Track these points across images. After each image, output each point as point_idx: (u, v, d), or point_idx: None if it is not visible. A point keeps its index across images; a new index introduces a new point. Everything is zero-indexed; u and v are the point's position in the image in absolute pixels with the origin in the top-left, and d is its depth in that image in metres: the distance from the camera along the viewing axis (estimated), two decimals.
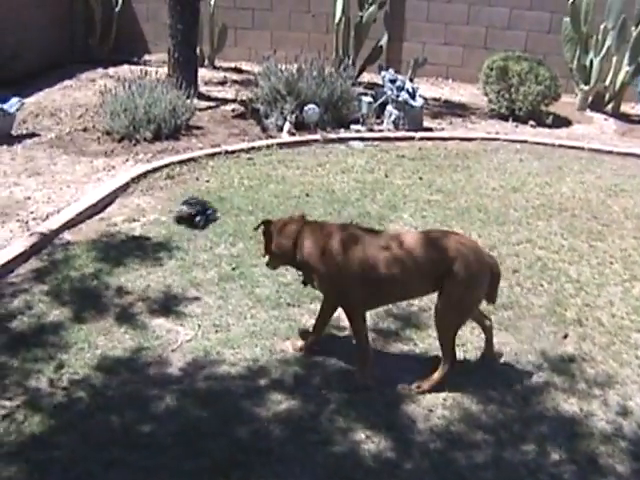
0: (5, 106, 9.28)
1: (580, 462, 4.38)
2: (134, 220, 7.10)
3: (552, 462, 4.37)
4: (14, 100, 9.47)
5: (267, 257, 5.24)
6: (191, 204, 7.15)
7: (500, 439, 4.52)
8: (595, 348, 5.50)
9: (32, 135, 9.46)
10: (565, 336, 5.63)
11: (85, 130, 9.67)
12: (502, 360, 5.28)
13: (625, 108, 12.47)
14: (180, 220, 7.07)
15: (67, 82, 12.13)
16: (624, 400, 4.95)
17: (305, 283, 5.17)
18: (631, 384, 5.11)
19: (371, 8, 12.40)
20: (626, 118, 12.20)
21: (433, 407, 4.74)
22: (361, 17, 12.51)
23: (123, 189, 7.76)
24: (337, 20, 12.51)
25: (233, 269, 6.26)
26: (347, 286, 4.83)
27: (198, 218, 7.02)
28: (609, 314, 5.98)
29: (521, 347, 5.44)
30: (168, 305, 5.74)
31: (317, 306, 5.69)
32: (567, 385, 5.07)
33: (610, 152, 10.24)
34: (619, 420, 4.76)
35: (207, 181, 8.14)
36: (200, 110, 10.52)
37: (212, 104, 11.15)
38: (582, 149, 10.24)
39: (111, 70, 12.96)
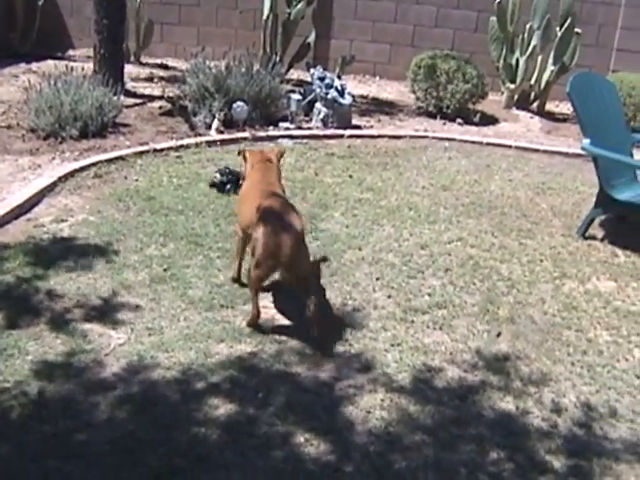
0: None
1: (518, 460, 4.39)
2: (62, 220, 6.94)
3: (491, 461, 4.38)
4: None
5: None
6: (224, 173, 7.87)
7: (439, 439, 4.51)
8: (528, 346, 5.54)
9: None
10: (498, 334, 5.66)
11: (9, 127, 9.43)
12: (439, 359, 5.28)
13: (550, 107, 12.67)
14: (212, 185, 7.88)
15: None
16: (558, 397, 4.99)
17: None
18: (564, 381, 5.15)
19: (299, 5, 12.33)
20: (551, 116, 12.39)
21: (371, 409, 4.71)
22: (289, 14, 12.43)
23: (50, 188, 7.58)
24: (265, 17, 12.42)
25: (165, 270, 6.16)
26: None
27: (228, 186, 7.78)
28: (541, 312, 6.03)
29: (456, 346, 5.45)
30: (99, 308, 5.61)
31: (250, 307, 5.66)
32: (502, 383, 5.09)
33: (537, 150, 10.37)
34: (554, 417, 4.79)
35: (136, 180, 8.01)
36: (127, 107, 10.35)
37: (139, 101, 10.98)
38: (509, 147, 10.36)
39: (34, 65, 12.67)
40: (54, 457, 4.16)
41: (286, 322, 5.61)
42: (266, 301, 5.81)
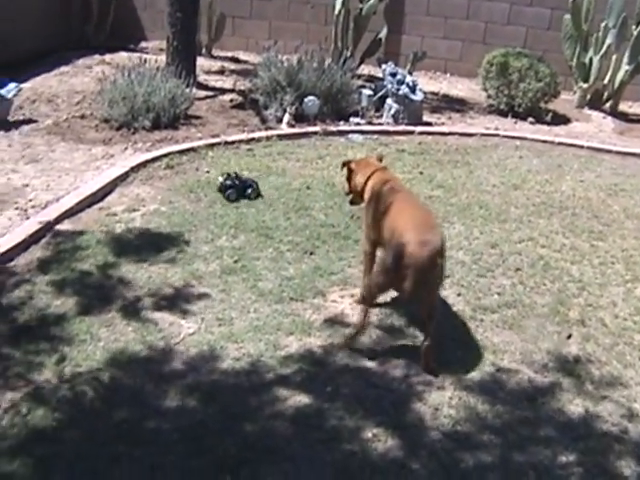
0: (2, 91, 9.20)
1: (587, 465, 4.36)
2: (134, 210, 7.04)
3: (559, 464, 4.35)
4: (12, 85, 9.39)
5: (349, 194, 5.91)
6: (227, 178, 7.50)
7: (507, 440, 4.49)
8: (599, 349, 5.48)
9: (29, 121, 9.37)
10: (569, 336, 5.61)
11: (83, 117, 9.59)
12: (508, 359, 5.25)
13: (623, 107, 12.45)
14: (219, 190, 7.51)
15: (63, 68, 11.95)
16: (629, 402, 4.93)
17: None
18: (635, 386, 5.09)
19: (371, 0, 12.30)
20: (624, 117, 12.18)
21: (439, 406, 4.71)
22: (361, 9, 12.40)
23: (122, 178, 7.69)
24: (337, 12, 12.40)
25: (235, 262, 6.20)
26: None
27: (230, 191, 7.39)
28: (612, 315, 5.96)
29: (526, 346, 5.42)
30: (170, 298, 5.69)
31: (320, 301, 5.69)
32: (572, 386, 5.05)
33: (609, 151, 10.21)
34: (624, 422, 4.74)
35: (207, 172, 8.08)
36: (198, 99, 10.44)
37: (210, 94, 11.06)
38: (581, 147, 10.21)
39: (107, 57, 12.81)
40: (124, 443, 4.24)
41: (356, 319, 5.59)
42: (335, 295, 5.83)
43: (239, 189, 7.41)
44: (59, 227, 6.60)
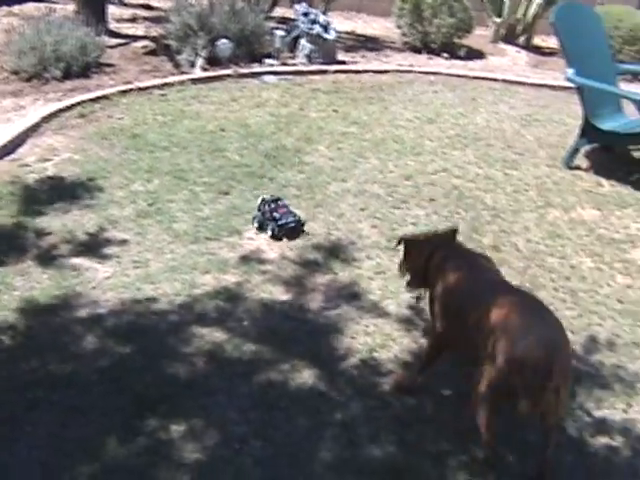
0: None
1: None
2: (46, 160, 6.92)
3: None
4: None
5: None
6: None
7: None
8: (513, 272, 5.58)
9: None
10: None
11: None
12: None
13: (537, 41, 12.62)
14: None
15: None
16: None
17: None
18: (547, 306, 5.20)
19: None
20: (538, 50, 12.36)
21: (355, 335, 4.77)
22: None
23: (34, 129, 7.54)
24: None
25: (150, 205, 6.17)
26: None
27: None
28: (525, 239, 6.08)
29: None
30: (86, 244, 5.63)
31: (236, 239, 5.70)
32: None
33: (523, 83, 10.36)
34: None
35: (120, 118, 7.98)
36: (110, 47, 10.28)
37: (122, 41, 10.90)
38: (495, 80, 10.34)
39: (16, 8, 12.55)
40: (42, 387, 4.20)
41: (272, 255, 5.64)
42: (250, 233, 5.86)
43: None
44: None
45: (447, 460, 3.88)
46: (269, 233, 5.79)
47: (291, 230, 5.83)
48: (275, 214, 5.84)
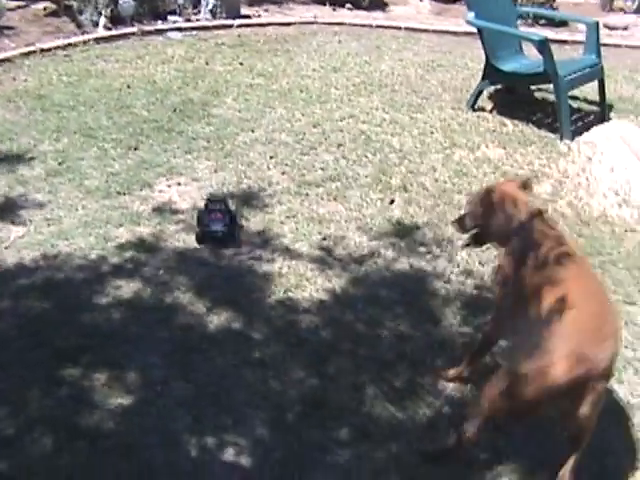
0: None
1: (414, 314, 4.59)
2: None
3: (389, 317, 4.57)
4: None
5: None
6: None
7: (338, 300, 4.70)
8: (421, 211, 5.73)
9: None
10: (392, 202, 5.83)
11: None
12: (334, 227, 5.45)
13: None
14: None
15: None
16: (450, 255, 5.20)
17: None
18: (456, 240, 5.33)
19: None
20: None
21: (270, 276, 4.87)
22: None
23: None
24: None
25: (60, 164, 6.16)
26: None
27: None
28: (432, 179, 6.22)
29: (350, 214, 5.62)
30: None
31: (147, 192, 5.74)
32: (397, 246, 5.28)
33: (426, 30, 10.50)
34: (447, 273, 5.00)
35: (25, 80, 7.90)
36: (10, 10, 10.08)
37: (22, 3, 10.63)
38: (399, 29, 10.46)
39: None
40: None
41: (184, 206, 5.69)
42: (162, 185, 5.92)
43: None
44: None
45: (365, 390, 4.00)
46: (193, 237, 5.28)
47: (218, 241, 5.20)
48: (206, 218, 5.27)
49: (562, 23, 11.00)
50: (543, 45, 6.95)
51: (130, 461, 3.51)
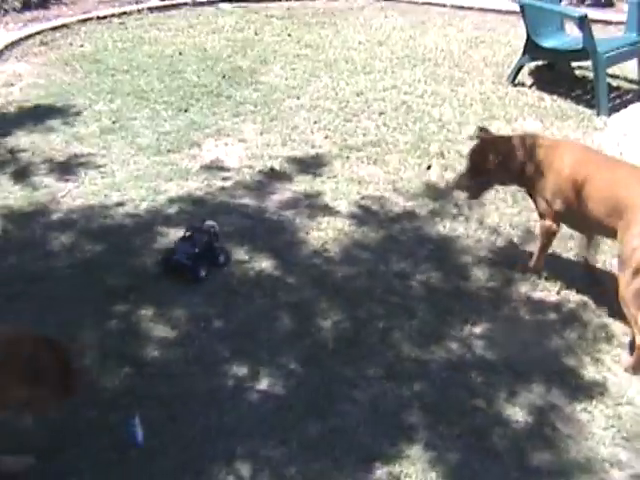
0: None
1: (445, 269, 4.84)
2: (11, 85, 7.22)
3: (420, 270, 4.81)
4: None
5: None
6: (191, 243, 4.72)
7: (373, 254, 4.94)
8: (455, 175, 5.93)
9: None
10: (429, 167, 6.06)
11: None
12: (372, 188, 5.69)
13: None
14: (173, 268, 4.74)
15: None
16: (482, 219, 5.41)
17: None
18: (489, 204, 5.55)
19: None
20: None
21: (308, 230, 5.14)
22: None
23: None
24: None
25: (113, 122, 6.49)
26: None
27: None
28: (469, 147, 6.38)
29: (389, 177, 5.86)
30: (54, 159, 5.95)
31: (196, 151, 6.03)
32: (432, 208, 5.51)
33: (471, 8, 10.60)
34: (478, 234, 5.22)
35: (81, 45, 8.26)
36: None
37: None
38: (444, 6, 10.59)
39: None
40: (20, 282, 4.52)
41: (232, 164, 5.97)
42: (210, 145, 6.20)
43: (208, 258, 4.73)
44: None
45: (394, 334, 4.26)
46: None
47: (179, 271, 4.61)
48: (178, 243, 4.74)
49: (608, 3, 11.09)
50: (583, 21, 7.09)
51: (172, 387, 3.80)
